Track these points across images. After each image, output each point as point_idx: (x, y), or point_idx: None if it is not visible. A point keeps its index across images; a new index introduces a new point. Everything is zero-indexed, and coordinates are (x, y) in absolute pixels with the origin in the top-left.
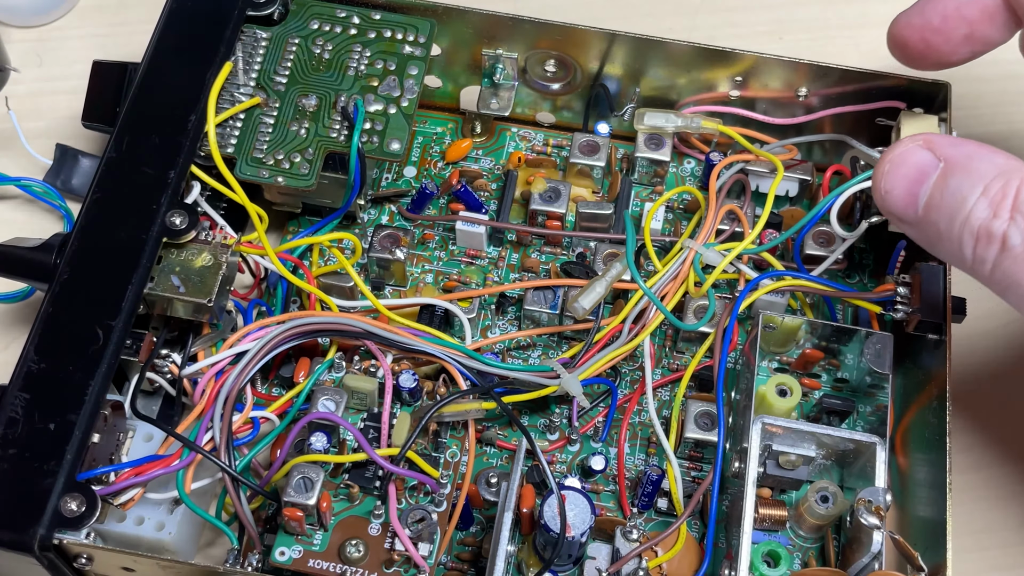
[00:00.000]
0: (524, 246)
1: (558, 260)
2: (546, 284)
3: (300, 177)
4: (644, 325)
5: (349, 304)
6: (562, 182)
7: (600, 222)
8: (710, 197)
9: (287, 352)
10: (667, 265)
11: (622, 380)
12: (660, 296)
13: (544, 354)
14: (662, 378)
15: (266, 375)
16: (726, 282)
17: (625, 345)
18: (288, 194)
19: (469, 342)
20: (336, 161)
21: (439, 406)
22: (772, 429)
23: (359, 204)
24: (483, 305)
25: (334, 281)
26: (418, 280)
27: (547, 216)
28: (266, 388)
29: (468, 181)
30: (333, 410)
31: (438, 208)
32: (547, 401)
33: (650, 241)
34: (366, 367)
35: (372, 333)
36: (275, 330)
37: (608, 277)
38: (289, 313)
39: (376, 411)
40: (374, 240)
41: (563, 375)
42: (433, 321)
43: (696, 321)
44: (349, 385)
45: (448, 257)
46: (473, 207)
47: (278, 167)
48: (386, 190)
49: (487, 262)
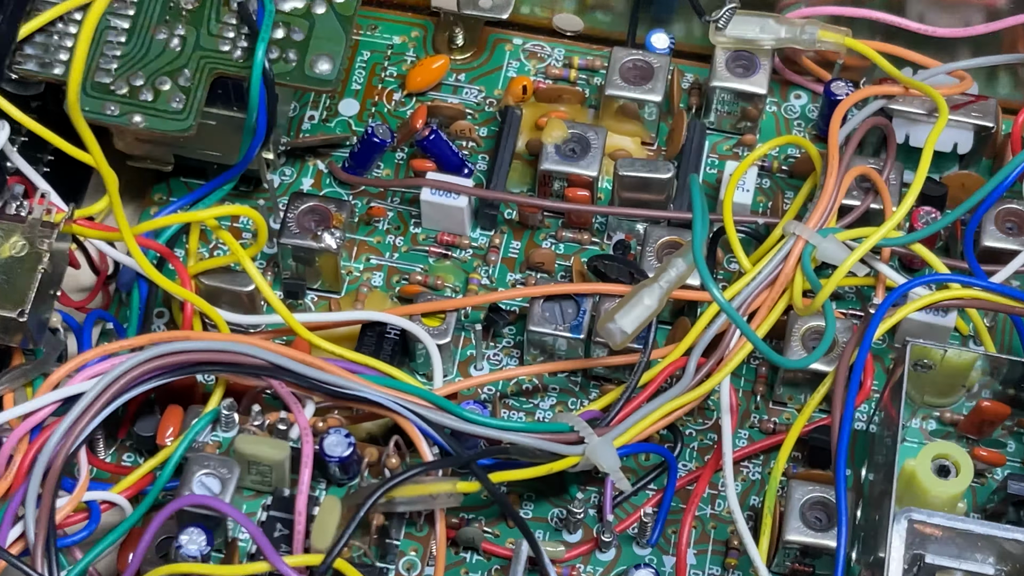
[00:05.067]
0: (530, 229)
1: (584, 253)
2: (565, 291)
3: (170, 116)
4: (721, 360)
5: (248, 321)
6: (593, 126)
7: (653, 192)
8: (830, 154)
9: (146, 397)
10: (760, 264)
11: (685, 448)
12: (748, 314)
13: (560, 404)
14: (749, 445)
15: (112, 433)
16: (854, 291)
17: (690, 392)
18: (152, 142)
19: (439, 384)
20: (229, 91)
21: (388, 487)
22: (926, 529)
23: (266, 160)
24: (463, 324)
25: (224, 283)
26: (360, 282)
27: (568, 181)
28: (112, 454)
29: (442, 124)
30: (217, 492)
31: (393, 167)
32: (564, 481)
33: (733, 225)
34: (272, 423)
35: (283, 368)
36: (127, 361)
37: (664, 283)
38: (151, 335)
39: (287, 494)
40: (289, 218)
41: (590, 438)
42: (382, 350)
43: (805, 354)
44: (244, 452)
45: (408, 246)
46: (449, 166)
47: (135, 99)
48: (310, 137)
49: (471, 254)
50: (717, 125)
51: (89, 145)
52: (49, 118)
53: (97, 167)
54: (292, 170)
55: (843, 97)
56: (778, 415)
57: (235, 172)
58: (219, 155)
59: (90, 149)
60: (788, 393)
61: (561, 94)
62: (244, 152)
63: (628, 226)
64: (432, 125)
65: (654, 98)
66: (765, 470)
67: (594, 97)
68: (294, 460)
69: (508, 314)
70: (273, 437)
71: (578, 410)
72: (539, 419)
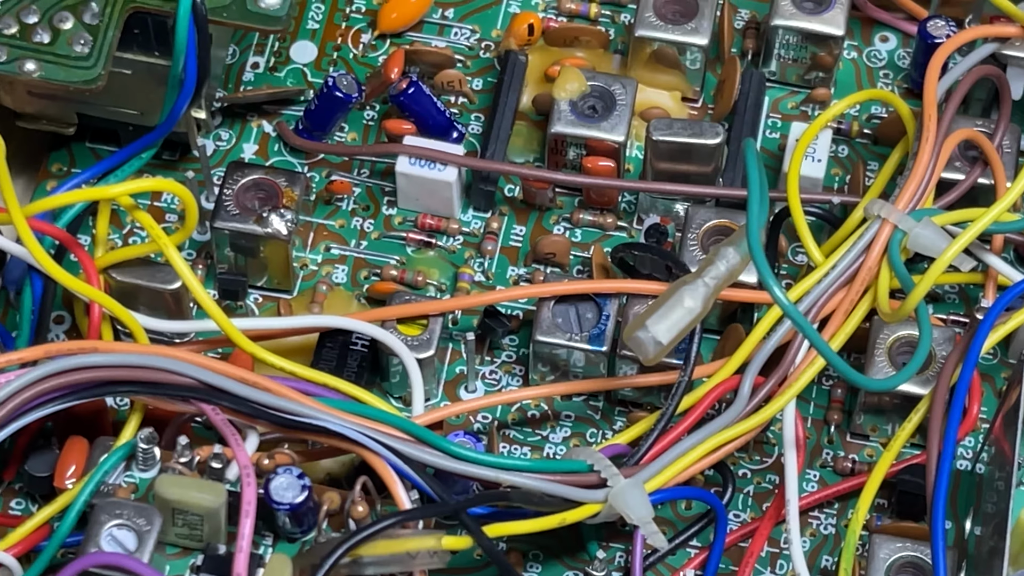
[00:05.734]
0: (538, 210)
1: (608, 241)
2: (582, 290)
3: (73, 63)
4: (785, 379)
5: (172, 328)
6: (620, 77)
7: (697, 162)
8: (925, 113)
9: (41, 426)
10: (835, 255)
11: (738, 493)
12: (819, 321)
13: (576, 436)
14: (821, 490)
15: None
16: (957, 291)
17: (745, 421)
18: (49, 97)
19: (419, 410)
20: (148, 31)
21: (353, 542)
22: None
23: (196, 120)
24: (451, 333)
25: (142, 279)
26: (317, 279)
27: (586, 149)
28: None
29: (424, 74)
30: (132, 549)
31: (361, 130)
32: (580, 535)
33: (799, 205)
34: (203, 459)
35: (217, 389)
36: (16, 380)
37: (710, 279)
38: (47, 345)
39: (223, 551)
40: (227, 195)
41: (614, 481)
42: (346, 365)
43: (893, 372)
44: (168, 497)
45: (380, 232)
46: (434, 128)
47: (26, 41)
48: (254, 90)
49: (461, 242)
50: (780, 76)
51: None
52: None
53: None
54: (230, 133)
55: (943, 40)
56: (857, 451)
57: (157, 136)
58: (136, 114)
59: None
60: (871, 423)
61: (578, 35)
62: (168, 110)
63: (664, 206)
64: (411, 76)
65: (698, 40)
66: (841, 522)
67: (620, 39)
68: (231, 508)
69: (509, 320)
70: (205, 478)
71: (599, 444)
72: (549, 455)
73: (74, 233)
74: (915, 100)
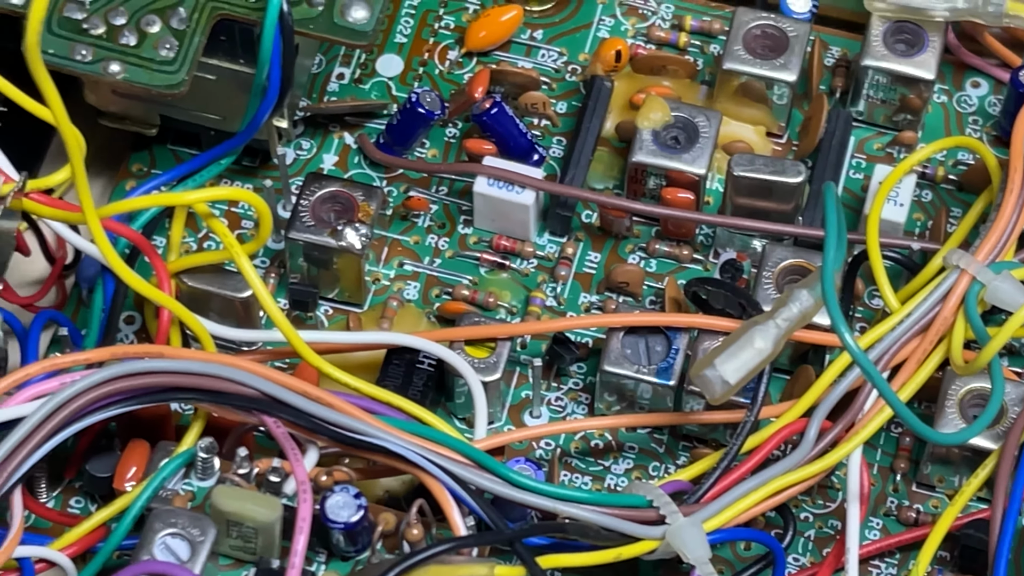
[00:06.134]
0: (614, 238)
1: (682, 274)
2: (653, 322)
3: (158, 67)
4: (852, 426)
5: (240, 336)
6: (705, 109)
7: (777, 200)
8: (1012, 163)
9: (103, 427)
10: (911, 303)
11: (798, 537)
12: (890, 368)
13: (638, 469)
14: (883, 539)
15: (57, 472)
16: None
17: (809, 464)
18: (133, 98)
19: (482, 434)
20: (235, 38)
21: (406, 566)
22: None
23: (278, 129)
24: (519, 357)
25: (213, 286)
26: (388, 294)
27: (667, 179)
28: (56, 499)
29: (509, 95)
30: (185, 559)
31: (442, 147)
32: (635, 572)
33: (878, 249)
34: (262, 472)
35: (280, 402)
36: (83, 380)
37: (782, 320)
38: (115, 347)
39: (275, 566)
40: (303, 205)
41: (673, 518)
42: (412, 384)
43: (963, 425)
44: (224, 508)
45: (455, 250)
46: (515, 149)
47: (113, 43)
48: (337, 102)
49: (534, 266)
50: (867, 116)
51: (48, 97)
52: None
53: (58, 126)
54: (311, 143)
55: None
56: (923, 502)
57: (237, 142)
58: (218, 119)
59: (50, 103)
60: (938, 474)
61: (665, 64)
62: (250, 117)
63: (742, 242)
64: (496, 96)
65: (787, 76)
66: (901, 572)
67: (708, 71)
68: (287, 523)
69: (578, 347)
70: (262, 491)
71: (660, 479)
72: (610, 487)
73: (149, 235)
74: (1003, 148)
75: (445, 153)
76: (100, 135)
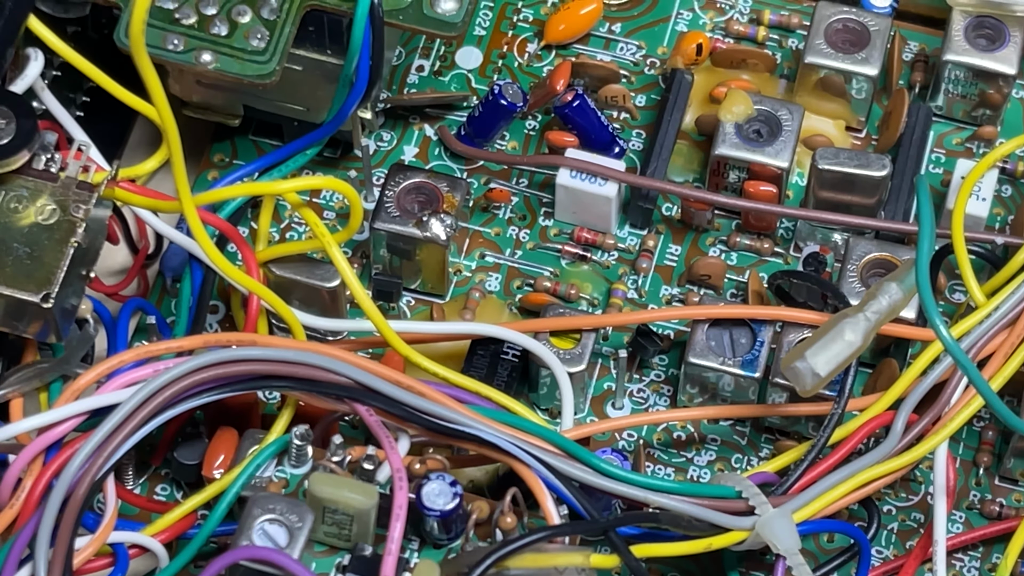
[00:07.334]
0: (695, 231)
1: (764, 267)
2: (737, 315)
3: (248, 57)
4: (939, 419)
5: (328, 326)
6: (786, 103)
7: (860, 194)
8: None
9: (191, 415)
10: (997, 297)
11: (883, 529)
12: (976, 361)
13: (721, 461)
14: (967, 531)
15: (146, 459)
16: None
17: (896, 457)
18: (218, 87)
19: (568, 424)
20: (323, 29)
21: (501, 554)
22: None
23: (363, 119)
24: (601, 348)
25: (302, 275)
26: (470, 285)
27: (749, 172)
28: (144, 485)
29: (589, 88)
30: (283, 545)
31: (523, 139)
32: (721, 562)
33: (963, 243)
34: (355, 459)
35: (372, 390)
36: (174, 368)
37: (872, 314)
38: (204, 335)
39: (370, 552)
40: (387, 196)
41: (762, 509)
42: (496, 374)
43: None
44: (321, 495)
45: (536, 242)
46: (596, 142)
47: (204, 32)
48: (418, 94)
49: (616, 258)
50: (947, 111)
51: (152, 90)
52: (87, 48)
53: (159, 120)
54: (392, 135)
55: None
56: (1005, 495)
57: (324, 133)
58: (302, 110)
59: (153, 96)
60: (1020, 468)
61: (746, 58)
62: (336, 109)
63: (824, 235)
64: (576, 88)
65: (868, 71)
66: (985, 566)
67: (788, 65)
68: (382, 510)
69: (661, 339)
70: (355, 478)
71: (745, 471)
72: (692, 478)
73: (236, 225)
74: None
75: (525, 146)
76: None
